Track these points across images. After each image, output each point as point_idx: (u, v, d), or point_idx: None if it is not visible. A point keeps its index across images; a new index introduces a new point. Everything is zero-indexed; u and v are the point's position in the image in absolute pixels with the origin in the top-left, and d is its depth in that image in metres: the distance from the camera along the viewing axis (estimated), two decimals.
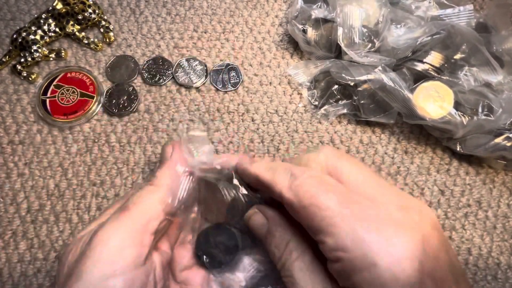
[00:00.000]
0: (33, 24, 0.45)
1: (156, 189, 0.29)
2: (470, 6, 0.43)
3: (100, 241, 0.25)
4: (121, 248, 0.25)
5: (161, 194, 0.28)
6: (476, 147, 0.39)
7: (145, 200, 0.28)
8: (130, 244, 0.25)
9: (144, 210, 0.27)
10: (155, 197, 0.28)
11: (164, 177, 0.30)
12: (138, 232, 0.26)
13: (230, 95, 0.45)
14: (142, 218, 0.27)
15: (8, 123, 0.43)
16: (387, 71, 0.39)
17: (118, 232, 0.25)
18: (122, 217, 0.26)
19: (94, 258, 0.24)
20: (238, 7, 0.49)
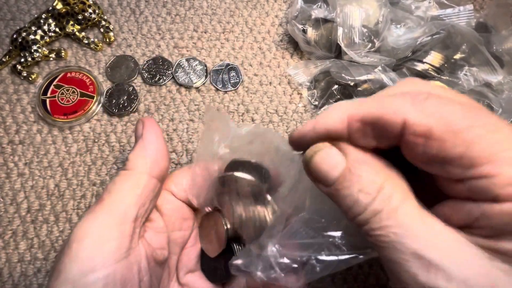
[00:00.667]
0: (33, 24, 0.45)
1: (130, 173, 0.26)
2: (470, 6, 0.43)
3: (76, 237, 0.23)
4: (99, 242, 0.23)
5: (135, 177, 0.26)
6: None
7: (119, 187, 0.26)
8: (109, 236, 0.24)
9: (119, 198, 0.25)
10: (130, 181, 0.26)
11: (136, 158, 0.27)
12: (116, 223, 0.24)
13: (230, 95, 0.45)
14: (118, 207, 0.25)
15: (8, 123, 0.43)
16: (387, 71, 0.39)
17: (94, 225, 0.24)
18: (97, 209, 0.25)
19: (71, 255, 0.23)
20: (238, 7, 0.49)
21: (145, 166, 0.27)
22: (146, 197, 0.26)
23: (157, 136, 0.28)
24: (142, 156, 0.27)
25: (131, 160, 0.27)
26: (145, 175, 0.26)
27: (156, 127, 0.29)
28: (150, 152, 0.28)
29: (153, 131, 0.28)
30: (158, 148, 0.28)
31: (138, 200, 0.25)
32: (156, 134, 0.28)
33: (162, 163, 0.28)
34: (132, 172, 0.26)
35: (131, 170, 0.27)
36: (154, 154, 0.28)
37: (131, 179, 0.26)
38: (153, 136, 0.28)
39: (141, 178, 0.26)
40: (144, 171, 0.27)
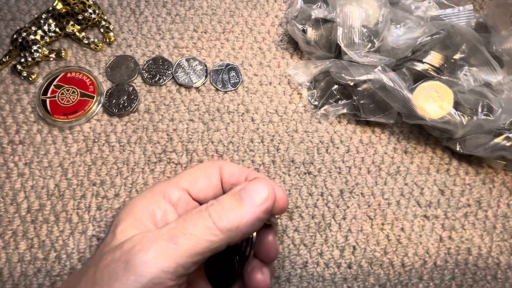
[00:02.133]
0: (33, 24, 0.45)
1: (214, 226, 0.23)
2: (469, 6, 0.43)
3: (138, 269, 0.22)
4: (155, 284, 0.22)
5: (215, 236, 0.23)
6: (476, 147, 0.39)
7: (196, 238, 0.23)
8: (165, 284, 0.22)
9: (192, 252, 0.23)
10: (208, 238, 0.23)
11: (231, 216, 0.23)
12: (178, 273, 0.23)
13: (230, 95, 0.45)
14: (187, 261, 0.23)
15: (8, 123, 0.43)
16: (387, 71, 0.39)
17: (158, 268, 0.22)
18: (169, 250, 0.23)
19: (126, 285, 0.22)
20: (238, 7, 0.49)
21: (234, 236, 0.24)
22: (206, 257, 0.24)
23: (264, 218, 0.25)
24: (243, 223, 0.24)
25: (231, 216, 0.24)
26: (224, 245, 0.24)
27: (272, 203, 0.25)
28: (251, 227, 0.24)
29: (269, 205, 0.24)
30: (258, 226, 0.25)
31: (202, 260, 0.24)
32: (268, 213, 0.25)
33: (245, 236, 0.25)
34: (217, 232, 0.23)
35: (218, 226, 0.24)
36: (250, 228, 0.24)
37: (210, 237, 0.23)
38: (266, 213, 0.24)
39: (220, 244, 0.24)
40: (228, 241, 0.24)
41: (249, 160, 0.42)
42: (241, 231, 0.23)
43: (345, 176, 0.41)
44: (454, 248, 0.39)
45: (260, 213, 0.23)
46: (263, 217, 0.24)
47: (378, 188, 0.41)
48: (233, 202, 0.24)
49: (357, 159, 0.42)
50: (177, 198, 0.28)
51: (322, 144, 0.42)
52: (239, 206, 0.24)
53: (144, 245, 0.23)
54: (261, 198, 0.23)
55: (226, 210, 0.23)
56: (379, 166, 0.42)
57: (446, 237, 0.39)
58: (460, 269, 0.38)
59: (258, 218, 0.24)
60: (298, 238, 0.39)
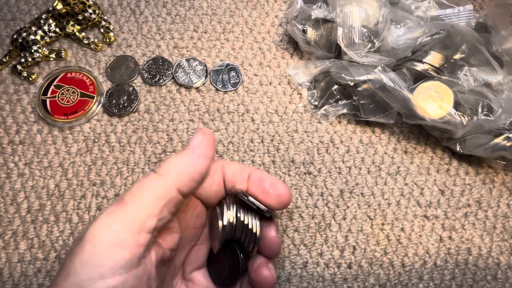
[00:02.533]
0: (33, 24, 0.46)
1: (159, 179, 0.24)
2: (470, 6, 0.43)
3: (90, 239, 0.22)
4: (112, 250, 0.22)
5: (163, 187, 0.24)
6: (476, 147, 0.39)
7: (144, 193, 0.24)
8: (123, 245, 0.22)
9: (142, 205, 0.24)
10: (156, 190, 0.24)
11: (173, 166, 0.25)
12: (133, 231, 0.23)
13: (230, 95, 0.45)
14: (138, 215, 0.23)
15: (9, 123, 0.43)
16: (387, 71, 0.39)
17: (110, 230, 0.22)
18: (116, 211, 0.23)
19: (82, 259, 0.22)
20: (238, 7, 0.49)
21: (178, 179, 0.25)
22: (168, 210, 0.25)
23: (206, 157, 0.26)
24: (179, 167, 0.25)
25: (167, 165, 0.25)
26: (174, 189, 0.25)
27: (210, 148, 0.27)
28: (190, 168, 0.26)
29: (206, 150, 0.26)
30: (200, 169, 0.26)
31: (160, 212, 0.24)
32: (206, 155, 0.26)
33: (196, 184, 0.26)
34: (162, 180, 0.25)
35: (162, 176, 0.25)
36: (193, 172, 0.26)
37: (159, 187, 0.24)
38: (202, 155, 0.26)
39: (170, 190, 0.25)
40: (175, 184, 0.25)
41: (249, 160, 0.42)
42: (185, 171, 0.25)
43: (345, 176, 0.41)
44: (454, 248, 0.39)
45: (199, 150, 0.26)
46: (203, 153, 0.26)
47: (378, 188, 0.41)
48: (178, 154, 0.26)
49: (357, 159, 0.42)
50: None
51: (322, 144, 0.42)
52: (178, 153, 0.26)
53: (95, 217, 0.24)
54: (197, 140, 0.26)
55: (166, 160, 0.26)
56: (379, 166, 0.42)
57: (446, 237, 0.39)
58: (460, 269, 0.38)
59: (199, 155, 0.26)
60: (298, 238, 0.39)
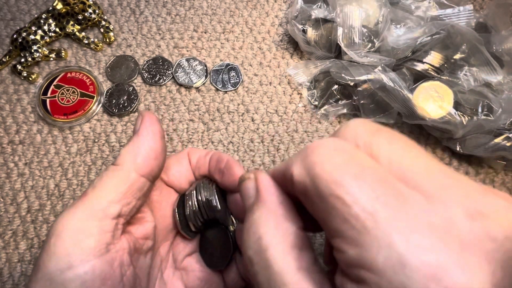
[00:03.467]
0: (33, 24, 0.45)
1: (118, 168, 0.25)
2: (470, 6, 0.43)
3: (54, 232, 0.23)
4: (77, 238, 0.23)
5: (122, 173, 0.25)
6: (476, 147, 0.39)
7: (105, 183, 0.25)
8: (88, 232, 0.23)
9: (103, 194, 0.24)
10: (116, 178, 0.25)
11: (126, 154, 0.26)
12: (96, 219, 0.23)
13: (230, 95, 0.45)
14: (100, 203, 0.24)
15: (9, 123, 0.43)
16: (387, 71, 0.39)
17: (74, 220, 0.23)
18: (79, 204, 0.24)
19: (49, 251, 0.22)
20: (238, 7, 0.49)
21: (134, 163, 0.26)
22: (131, 195, 0.25)
23: (153, 133, 0.27)
24: (133, 152, 0.26)
25: (122, 155, 0.26)
26: (132, 173, 0.26)
27: (154, 124, 0.28)
28: (142, 150, 0.26)
29: (150, 127, 0.27)
30: (152, 146, 0.27)
31: (122, 198, 0.25)
32: (152, 131, 0.27)
33: (155, 162, 0.27)
34: (120, 168, 0.25)
35: (120, 165, 0.26)
36: (146, 152, 0.26)
37: (118, 175, 0.25)
38: (148, 133, 0.27)
39: (128, 175, 0.25)
40: (132, 168, 0.26)
41: (249, 160, 0.42)
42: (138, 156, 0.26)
43: None
44: None
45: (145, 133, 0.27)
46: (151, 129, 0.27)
47: None
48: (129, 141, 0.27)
49: None
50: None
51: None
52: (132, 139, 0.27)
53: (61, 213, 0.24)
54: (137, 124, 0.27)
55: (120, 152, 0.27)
56: None
57: None
58: None
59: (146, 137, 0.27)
60: None
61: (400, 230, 0.14)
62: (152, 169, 0.27)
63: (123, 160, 0.26)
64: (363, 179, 0.16)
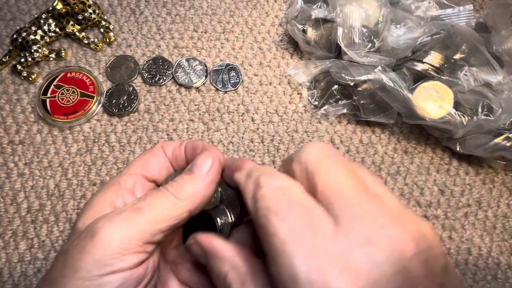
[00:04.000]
0: (33, 24, 0.45)
1: (176, 201, 0.25)
2: (470, 6, 0.43)
3: (103, 240, 0.23)
4: (124, 253, 0.23)
5: (178, 209, 0.25)
6: (476, 147, 0.39)
7: (160, 207, 0.25)
8: (133, 250, 0.24)
9: (157, 220, 0.25)
10: (171, 210, 0.25)
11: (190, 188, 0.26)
12: (144, 240, 0.24)
13: (230, 95, 0.45)
14: (152, 228, 0.24)
15: (8, 123, 0.43)
16: (387, 71, 0.39)
17: (125, 235, 0.24)
18: (133, 219, 0.24)
19: (95, 257, 0.23)
20: (238, 7, 0.49)
21: (191, 204, 0.26)
22: (172, 228, 0.26)
23: (215, 183, 0.27)
24: (194, 193, 0.26)
25: (185, 186, 0.26)
26: (186, 212, 0.26)
27: (219, 172, 0.27)
28: (202, 194, 0.26)
29: (215, 174, 0.27)
30: (210, 195, 0.27)
31: (168, 230, 0.25)
32: (215, 180, 0.27)
33: (205, 206, 0.27)
34: (177, 202, 0.25)
35: (178, 199, 0.25)
36: (204, 198, 0.26)
37: (173, 208, 0.25)
38: (213, 180, 0.27)
39: (182, 213, 0.25)
40: (188, 209, 0.26)
41: None
42: (198, 197, 0.26)
43: None
44: (454, 248, 0.39)
45: (210, 177, 0.27)
46: (214, 179, 0.27)
47: None
48: (186, 177, 0.27)
49: (357, 159, 0.42)
50: (132, 182, 0.29)
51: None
52: (191, 178, 0.27)
53: (109, 218, 0.24)
54: (207, 166, 0.27)
55: (182, 184, 0.26)
56: (379, 166, 0.42)
57: (446, 237, 0.39)
58: (460, 269, 0.38)
59: (210, 181, 0.27)
60: None
61: (301, 256, 0.19)
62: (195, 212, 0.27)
63: (183, 195, 0.26)
64: (287, 215, 0.20)
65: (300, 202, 0.21)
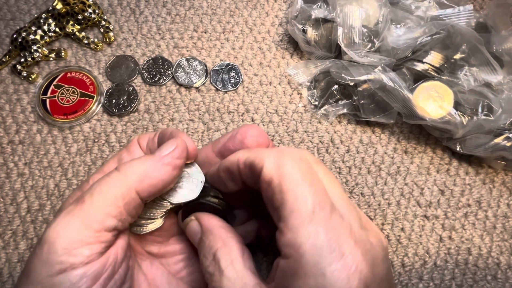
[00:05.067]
0: (33, 24, 0.45)
1: (120, 179, 0.24)
2: (470, 6, 0.43)
3: (48, 239, 0.22)
4: (71, 248, 0.22)
5: (124, 187, 0.23)
6: (476, 147, 0.39)
7: (105, 191, 0.23)
8: (82, 242, 0.22)
9: (101, 204, 0.23)
10: (117, 189, 0.23)
11: (136, 166, 0.24)
12: (92, 229, 0.23)
13: (230, 95, 0.45)
14: (97, 214, 0.23)
15: (8, 123, 0.43)
16: (387, 71, 0.39)
17: (69, 229, 0.22)
18: (75, 211, 0.23)
19: (42, 258, 0.22)
20: (238, 7, 0.49)
21: (139, 182, 0.24)
22: (127, 213, 0.24)
23: (174, 166, 0.25)
24: (144, 171, 0.24)
25: (132, 167, 0.24)
26: (133, 191, 0.24)
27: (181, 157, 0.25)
28: (154, 174, 0.24)
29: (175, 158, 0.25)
30: (165, 178, 0.25)
31: (119, 214, 0.24)
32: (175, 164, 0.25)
33: (156, 191, 0.25)
34: (123, 180, 0.24)
35: (123, 176, 0.24)
36: (155, 179, 0.24)
37: (118, 187, 0.24)
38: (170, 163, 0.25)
39: (129, 192, 0.24)
40: (135, 187, 0.24)
41: None
42: (148, 177, 0.24)
43: (345, 176, 0.41)
44: (454, 248, 0.39)
45: (167, 160, 0.25)
46: (173, 163, 0.25)
47: (378, 188, 0.41)
48: (141, 157, 0.26)
49: (357, 159, 0.42)
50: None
51: (322, 144, 0.42)
52: (145, 157, 0.25)
53: (54, 218, 0.23)
54: (167, 150, 0.25)
55: (132, 162, 0.25)
56: (379, 166, 0.42)
57: (446, 237, 0.39)
58: (460, 269, 0.38)
59: (167, 163, 0.25)
60: None
61: (326, 227, 0.22)
62: (151, 197, 0.25)
63: (130, 172, 0.24)
64: (314, 188, 0.23)
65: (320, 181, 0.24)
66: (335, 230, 0.22)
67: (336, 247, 0.21)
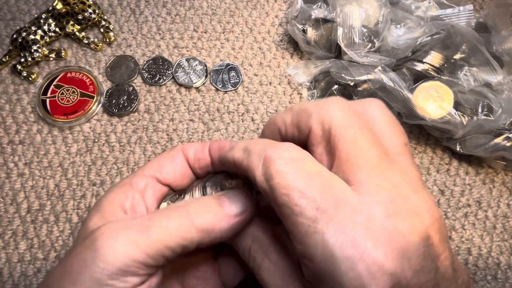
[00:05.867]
0: (33, 24, 0.45)
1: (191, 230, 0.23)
2: (470, 6, 0.43)
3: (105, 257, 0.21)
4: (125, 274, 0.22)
5: (189, 240, 0.23)
6: (476, 147, 0.39)
7: (172, 230, 0.22)
8: (136, 273, 0.22)
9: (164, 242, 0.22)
10: (183, 239, 0.23)
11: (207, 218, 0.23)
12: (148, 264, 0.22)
13: (230, 95, 0.45)
14: (157, 251, 0.22)
15: (8, 123, 0.43)
16: (387, 71, 0.39)
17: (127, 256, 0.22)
18: (138, 237, 0.22)
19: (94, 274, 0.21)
20: (238, 7, 0.49)
21: (207, 236, 0.23)
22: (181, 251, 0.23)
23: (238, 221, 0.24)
24: (218, 229, 0.23)
25: (207, 216, 0.23)
26: (195, 245, 0.23)
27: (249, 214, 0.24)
28: (227, 235, 0.24)
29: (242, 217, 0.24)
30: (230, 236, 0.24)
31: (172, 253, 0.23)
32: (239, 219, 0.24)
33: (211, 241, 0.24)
34: (192, 230, 0.23)
35: (193, 222, 0.23)
36: (226, 237, 0.24)
37: (185, 235, 0.23)
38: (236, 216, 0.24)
39: (192, 242, 0.23)
40: (200, 240, 0.23)
41: None
42: (215, 235, 0.23)
43: None
44: (454, 248, 0.39)
45: (235, 223, 0.24)
46: (238, 228, 0.24)
47: None
48: (214, 204, 0.24)
49: None
50: (144, 185, 0.27)
51: None
52: (218, 209, 0.24)
53: (114, 233, 0.22)
54: (238, 209, 0.24)
55: (205, 211, 0.24)
56: None
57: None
58: None
59: (233, 227, 0.24)
60: None
61: (333, 233, 0.19)
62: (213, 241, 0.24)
63: (201, 224, 0.23)
64: (310, 191, 0.20)
65: (319, 174, 0.20)
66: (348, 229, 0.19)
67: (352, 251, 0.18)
